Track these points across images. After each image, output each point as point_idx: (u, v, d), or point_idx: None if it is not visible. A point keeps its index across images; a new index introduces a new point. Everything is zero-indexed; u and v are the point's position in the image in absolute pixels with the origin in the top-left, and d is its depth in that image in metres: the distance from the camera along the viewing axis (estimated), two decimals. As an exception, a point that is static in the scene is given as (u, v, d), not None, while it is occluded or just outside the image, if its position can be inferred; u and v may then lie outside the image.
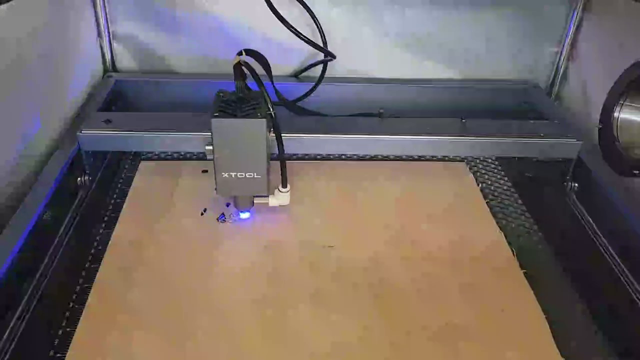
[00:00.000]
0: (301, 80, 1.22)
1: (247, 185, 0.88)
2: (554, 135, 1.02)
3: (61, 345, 0.73)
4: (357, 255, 0.90)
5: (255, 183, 0.88)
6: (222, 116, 0.81)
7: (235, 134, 0.83)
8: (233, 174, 0.86)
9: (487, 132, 1.02)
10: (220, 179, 0.87)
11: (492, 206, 1.05)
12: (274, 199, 0.95)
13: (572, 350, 0.77)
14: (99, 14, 1.17)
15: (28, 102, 0.89)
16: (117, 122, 0.98)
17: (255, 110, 0.83)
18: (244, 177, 0.87)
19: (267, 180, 0.89)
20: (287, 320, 0.78)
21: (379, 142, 1.01)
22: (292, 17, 1.09)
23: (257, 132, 0.83)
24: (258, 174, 0.87)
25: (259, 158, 0.85)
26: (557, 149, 1.02)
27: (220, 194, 0.90)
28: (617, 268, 0.85)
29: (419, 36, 1.23)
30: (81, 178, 0.96)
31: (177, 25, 1.19)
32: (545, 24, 1.23)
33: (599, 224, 0.92)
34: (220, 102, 0.84)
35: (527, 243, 0.96)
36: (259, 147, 0.84)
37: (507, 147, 1.03)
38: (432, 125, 1.03)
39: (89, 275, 0.84)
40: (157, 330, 0.75)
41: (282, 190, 0.94)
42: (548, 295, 0.86)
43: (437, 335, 0.77)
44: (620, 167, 0.94)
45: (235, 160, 0.85)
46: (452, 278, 0.87)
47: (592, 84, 1.14)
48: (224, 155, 0.85)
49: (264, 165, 0.86)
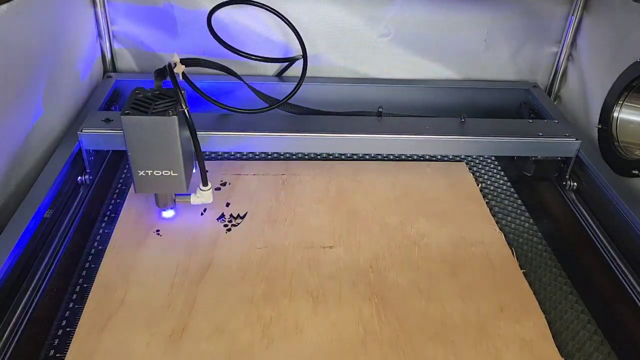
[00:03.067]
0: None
1: (165, 183, 0.87)
2: (553, 134, 1.02)
3: (61, 345, 0.73)
4: (357, 255, 0.90)
5: (173, 181, 0.87)
6: (133, 113, 0.80)
7: (147, 131, 0.82)
8: (149, 171, 0.85)
9: (486, 131, 1.02)
10: (137, 177, 0.86)
11: (492, 206, 1.05)
12: (196, 197, 0.94)
13: (571, 350, 0.77)
14: (99, 14, 1.17)
15: (28, 101, 0.89)
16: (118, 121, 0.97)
17: (168, 107, 0.82)
18: (160, 175, 0.86)
19: (186, 178, 0.87)
20: (287, 320, 0.78)
21: (378, 142, 1.01)
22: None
23: (168, 129, 0.81)
24: (175, 171, 0.86)
25: (173, 156, 0.84)
26: (555, 148, 1.02)
27: (138, 192, 0.89)
28: (616, 267, 0.85)
29: (419, 36, 1.23)
30: (82, 177, 0.96)
31: (177, 26, 1.19)
32: (545, 24, 1.23)
33: (598, 222, 0.93)
34: (134, 99, 0.83)
35: (527, 243, 0.96)
36: (172, 145, 0.83)
37: (506, 147, 1.03)
38: (431, 124, 1.03)
39: (89, 275, 0.84)
40: (156, 330, 0.75)
41: (203, 188, 0.93)
42: (548, 295, 0.86)
43: (437, 335, 0.77)
44: (619, 167, 0.94)
45: (151, 158, 0.84)
46: (451, 278, 0.87)
47: (591, 84, 1.14)
48: (138, 152, 0.83)
49: (180, 163, 0.85)
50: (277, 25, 1.18)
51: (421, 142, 1.01)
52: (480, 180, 1.12)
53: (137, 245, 0.90)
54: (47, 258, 0.81)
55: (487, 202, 1.05)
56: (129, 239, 0.91)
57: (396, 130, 1.01)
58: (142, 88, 0.87)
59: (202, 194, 0.94)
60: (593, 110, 1.10)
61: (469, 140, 1.01)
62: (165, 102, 0.83)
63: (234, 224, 0.96)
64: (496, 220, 1.00)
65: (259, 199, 1.02)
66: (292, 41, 1.18)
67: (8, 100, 0.83)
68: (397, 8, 1.19)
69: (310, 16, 1.18)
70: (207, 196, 0.94)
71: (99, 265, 0.86)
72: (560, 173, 1.04)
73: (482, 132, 1.02)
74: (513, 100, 1.25)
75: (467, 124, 1.04)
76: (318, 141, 1.01)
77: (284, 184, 1.07)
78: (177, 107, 0.82)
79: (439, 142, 1.01)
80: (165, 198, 0.93)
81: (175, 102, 0.83)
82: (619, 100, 0.97)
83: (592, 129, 1.03)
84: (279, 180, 1.07)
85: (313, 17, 1.18)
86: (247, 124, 1.00)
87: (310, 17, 1.18)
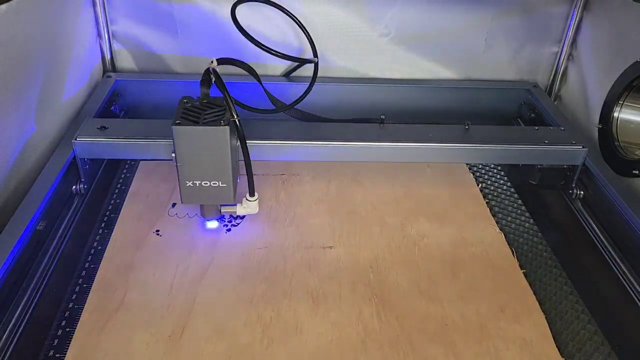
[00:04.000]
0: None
1: (213, 194, 0.85)
2: (559, 142, 0.99)
3: (61, 345, 0.73)
4: (357, 255, 0.90)
5: (221, 192, 0.85)
6: (184, 123, 0.79)
7: (198, 141, 0.80)
8: (197, 182, 0.83)
9: (491, 139, 1.00)
10: (184, 187, 0.84)
11: (492, 206, 1.05)
12: (242, 207, 0.92)
13: (572, 350, 0.77)
14: (99, 14, 1.17)
15: (28, 101, 0.89)
16: (113, 129, 0.95)
17: (218, 117, 0.80)
18: (208, 185, 0.84)
19: (233, 188, 0.86)
20: (287, 321, 0.78)
21: (380, 150, 0.98)
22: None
23: (219, 139, 0.80)
24: (223, 182, 0.84)
25: (223, 166, 0.82)
26: (562, 156, 0.99)
27: (185, 203, 0.86)
28: (614, 264, 0.85)
29: (419, 36, 1.23)
30: (76, 186, 0.94)
31: (177, 26, 1.19)
32: (545, 24, 1.23)
33: (605, 231, 0.91)
34: (183, 108, 0.82)
35: (527, 243, 0.96)
36: (222, 156, 0.81)
37: (511, 155, 1.00)
38: (434, 132, 1.00)
39: (88, 275, 0.84)
40: (156, 330, 0.75)
41: (250, 198, 0.91)
42: (548, 296, 0.86)
43: (437, 335, 0.77)
44: (619, 167, 0.94)
45: (199, 168, 0.82)
46: (451, 278, 0.87)
47: (591, 83, 1.14)
48: (187, 163, 0.82)
49: (229, 174, 0.83)
50: (284, 29, 1.18)
51: (424, 150, 0.98)
52: (480, 181, 1.12)
53: (137, 245, 0.90)
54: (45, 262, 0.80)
55: (487, 202, 1.05)
56: (129, 239, 0.91)
57: (399, 138, 0.98)
58: (189, 97, 0.84)
59: (249, 204, 0.91)
60: (593, 110, 1.09)
61: (473, 148, 0.98)
62: (214, 111, 0.81)
63: (234, 224, 0.96)
64: (496, 220, 1.00)
65: (259, 199, 1.01)
66: (295, 45, 1.18)
67: (8, 99, 0.83)
68: (397, 8, 1.19)
69: (310, 16, 1.18)
70: (253, 207, 0.92)
71: (99, 265, 0.86)
72: (566, 181, 1.02)
73: (487, 140, 0.99)
74: (513, 100, 1.25)
75: (471, 131, 1.01)
76: (319, 150, 0.98)
77: (284, 184, 1.07)
78: (227, 116, 0.81)
79: (443, 150, 0.98)
80: (211, 208, 0.92)
81: (225, 111, 0.81)
82: (619, 100, 0.97)
83: (595, 131, 1.02)
84: (279, 180, 1.07)
85: (313, 17, 1.18)
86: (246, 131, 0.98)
87: (310, 17, 1.18)
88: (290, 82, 1.21)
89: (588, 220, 0.94)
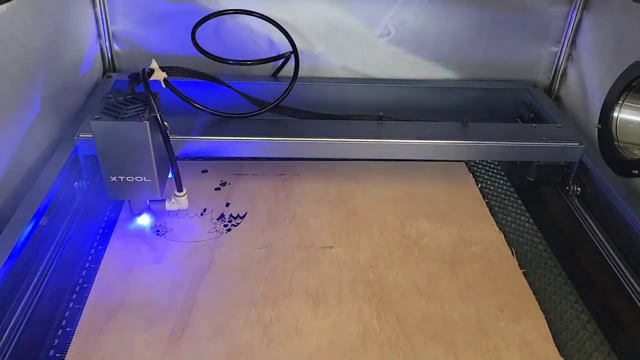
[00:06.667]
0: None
1: (139, 189, 0.85)
2: (556, 139, 1.00)
3: (61, 345, 0.73)
4: (356, 255, 0.90)
5: (147, 187, 0.84)
6: (103, 118, 0.78)
7: (118, 136, 0.80)
8: (122, 177, 0.83)
9: (489, 136, 1.01)
10: (108, 183, 0.84)
11: (492, 206, 1.05)
12: (171, 203, 0.92)
13: (571, 350, 0.77)
14: (99, 14, 1.17)
15: (28, 101, 0.89)
16: None
17: (139, 112, 0.80)
18: (133, 180, 0.83)
19: (159, 183, 0.85)
20: (286, 321, 0.78)
21: (378, 147, 0.99)
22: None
23: (139, 135, 0.79)
24: (148, 177, 0.83)
25: (146, 161, 0.82)
26: (559, 153, 1.00)
27: (112, 197, 0.86)
28: (613, 264, 0.85)
29: (419, 36, 1.23)
30: (78, 182, 0.94)
31: (177, 26, 1.19)
32: (544, 24, 1.23)
33: (602, 228, 0.91)
34: (106, 104, 0.81)
35: (527, 243, 0.96)
36: (144, 150, 0.81)
37: (509, 151, 1.01)
38: (432, 128, 1.02)
39: (88, 275, 0.84)
40: (156, 330, 0.75)
41: (178, 194, 0.91)
42: (547, 295, 0.86)
43: (437, 335, 0.77)
44: (619, 167, 0.94)
45: (122, 163, 0.82)
46: (451, 278, 0.87)
47: (591, 84, 1.14)
48: (110, 158, 0.82)
49: (152, 169, 0.83)
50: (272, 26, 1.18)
51: (422, 147, 1.00)
52: (480, 181, 1.12)
53: (137, 245, 0.90)
54: (45, 262, 0.80)
55: (487, 202, 1.05)
56: (129, 239, 0.91)
57: (397, 135, 0.99)
58: (115, 92, 0.84)
59: (177, 200, 0.91)
60: (593, 110, 1.09)
61: (471, 145, 0.99)
62: (137, 106, 0.81)
63: (234, 224, 0.96)
64: (496, 220, 1.00)
65: (259, 199, 1.02)
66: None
67: (8, 99, 0.83)
68: (397, 8, 1.19)
69: (309, 16, 1.18)
70: (182, 202, 0.92)
71: (99, 265, 0.86)
72: (563, 178, 1.02)
73: (484, 137, 1.00)
74: (513, 100, 1.25)
75: (469, 128, 1.02)
76: (317, 146, 0.98)
77: (284, 184, 1.07)
78: (149, 111, 0.80)
79: (441, 146, 0.99)
80: (139, 204, 0.92)
81: (148, 107, 0.81)
82: (619, 100, 0.97)
83: (594, 131, 1.03)
84: (279, 180, 1.08)
85: (313, 17, 1.18)
86: (244, 129, 0.98)
87: (310, 17, 1.18)
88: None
89: (585, 217, 0.95)
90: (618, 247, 0.87)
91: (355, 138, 0.98)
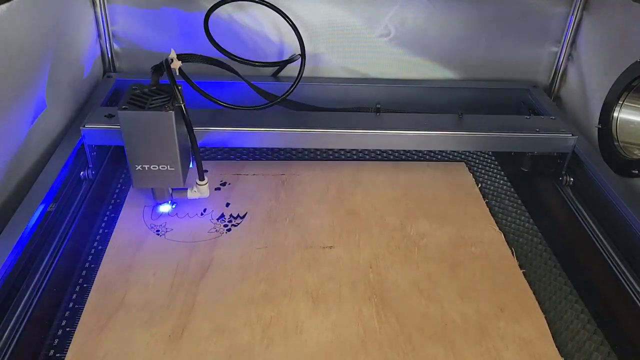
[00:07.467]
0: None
1: (162, 178, 0.88)
2: (549, 130, 1.02)
3: (61, 345, 0.73)
4: (356, 255, 0.90)
5: (170, 175, 0.88)
6: (130, 108, 0.82)
7: (144, 126, 0.83)
8: (146, 166, 0.87)
9: (483, 127, 1.03)
10: (134, 171, 0.87)
11: (492, 206, 1.05)
12: (192, 192, 0.95)
13: (571, 350, 0.77)
14: (99, 14, 1.17)
15: (28, 101, 0.89)
16: None
17: (164, 103, 0.83)
18: (157, 169, 0.87)
19: (182, 172, 0.89)
20: (287, 321, 0.78)
21: (376, 137, 1.01)
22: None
23: (165, 124, 0.82)
24: (171, 166, 0.87)
25: (170, 150, 0.85)
26: (552, 143, 1.02)
27: (136, 186, 0.90)
28: (615, 267, 0.85)
29: (419, 36, 1.23)
30: (84, 172, 0.97)
31: (177, 26, 1.19)
32: (545, 24, 1.23)
33: (595, 218, 0.93)
34: (132, 94, 0.84)
35: (527, 243, 0.97)
36: (168, 140, 0.84)
37: (503, 142, 1.03)
38: (428, 120, 1.04)
39: (88, 275, 0.85)
40: (156, 330, 0.75)
41: (200, 182, 0.94)
42: (547, 295, 0.86)
43: (437, 335, 0.77)
44: (619, 167, 0.94)
45: (147, 152, 0.86)
46: (451, 278, 0.87)
47: (591, 84, 1.14)
48: (135, 147, 0.85)
49: (176, 158, 0.86)
50: (276, 25, 1.18)
51: (419, 138, 1.02)
52: (478, 176, 1.12)
53: (137, 245, 0.90)
54: (48, 256, 0.81)
55: (487, 202, 1.05)
56: (129, 239, 0.91)
57: (394, 126, 1.01)
58: (139, 84, 0.87)
59: (199, 189, 0.95)
60: (593, 110, 1.10)
61: (466, 136, 1.02)
62: (162, 97, 0.84)
63: (234, 224, 0.96)
64: (496, 220, 1.00)
65: (259, 199, 1.02)
66: (289, 40, 1.18)
67: (8, 99, 0.83)
68: (397, 8, 1.19)
69: (310, 16, 1.18)
70: (203, 190, 0.95)
71: (99, 265, 0.86)
72: (556, 168, 1.05)
73: (479, 128, 1.03)
74: (513, 101, 1.25)
75: (465, 119, 1.04)
76: (316, 137, 1.01)
77: (284, 184, 1.07)
78: (173, 102, 0.83)
79: (437, 137, 1.02)
80: (162, 192, 0.95)
81: (172, 98, 0.84)
82: (619, 100, 0.97)
83: (591, 127, 1.03)
84: (279, 180, 1.08)
85: (313, 17, 1.18)
86: (246, 121, 1.00)
87: (310, 17, 1.18)
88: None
89: (578, 207, 0.96)
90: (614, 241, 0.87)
91: (353, 129, 1.00)
